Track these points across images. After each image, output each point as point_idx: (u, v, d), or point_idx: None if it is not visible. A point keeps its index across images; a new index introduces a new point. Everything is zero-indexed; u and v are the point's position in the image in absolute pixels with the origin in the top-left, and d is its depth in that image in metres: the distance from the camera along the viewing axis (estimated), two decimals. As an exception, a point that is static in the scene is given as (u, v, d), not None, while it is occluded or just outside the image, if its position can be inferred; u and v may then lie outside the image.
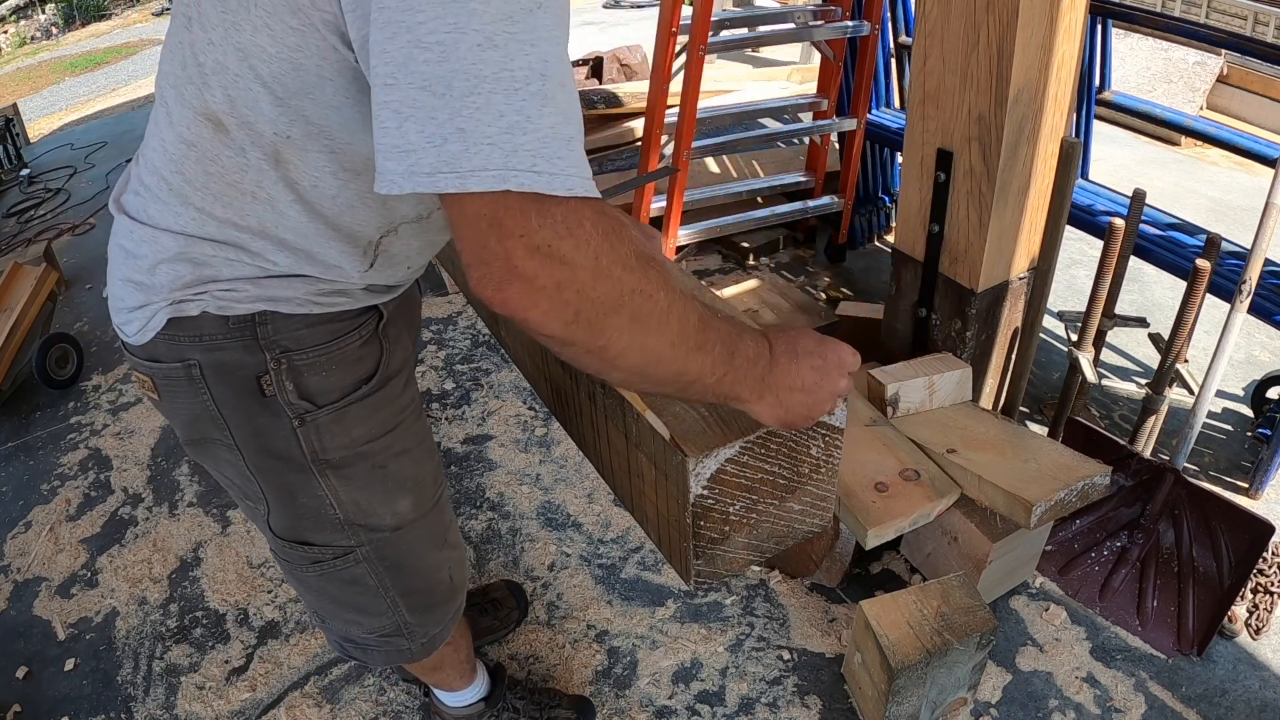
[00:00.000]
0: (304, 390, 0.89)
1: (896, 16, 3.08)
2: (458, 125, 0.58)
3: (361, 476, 0.96)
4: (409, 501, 1.02)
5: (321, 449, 0.92)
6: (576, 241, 0.61)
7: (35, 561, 2.20)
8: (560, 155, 0.60)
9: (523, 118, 0.59)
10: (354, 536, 0.99)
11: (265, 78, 0.72)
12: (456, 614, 1.22)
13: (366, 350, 0.92)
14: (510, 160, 0.58)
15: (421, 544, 1.06)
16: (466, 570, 1.23)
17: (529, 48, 0.59)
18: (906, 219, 1.94)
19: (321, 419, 0.90)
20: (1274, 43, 5.08)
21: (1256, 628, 1.79)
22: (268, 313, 0.85)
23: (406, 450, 1.00)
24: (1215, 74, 4.81)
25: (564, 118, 0.61)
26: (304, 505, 0.95)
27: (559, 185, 0.60)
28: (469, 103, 0.58)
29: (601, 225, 0.62)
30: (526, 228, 0.59)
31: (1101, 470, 1.63)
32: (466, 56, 0.57)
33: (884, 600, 1.59)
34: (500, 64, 0.58)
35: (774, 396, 0.78)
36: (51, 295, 3.24)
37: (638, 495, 1.08)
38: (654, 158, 2.84)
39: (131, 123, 6.08)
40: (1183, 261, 2.25)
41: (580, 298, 0.62)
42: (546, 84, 0.59)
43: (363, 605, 1.06)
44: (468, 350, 2.89)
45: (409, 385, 1.01)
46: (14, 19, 12.95)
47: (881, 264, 3.31)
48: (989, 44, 1.60)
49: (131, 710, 1.79)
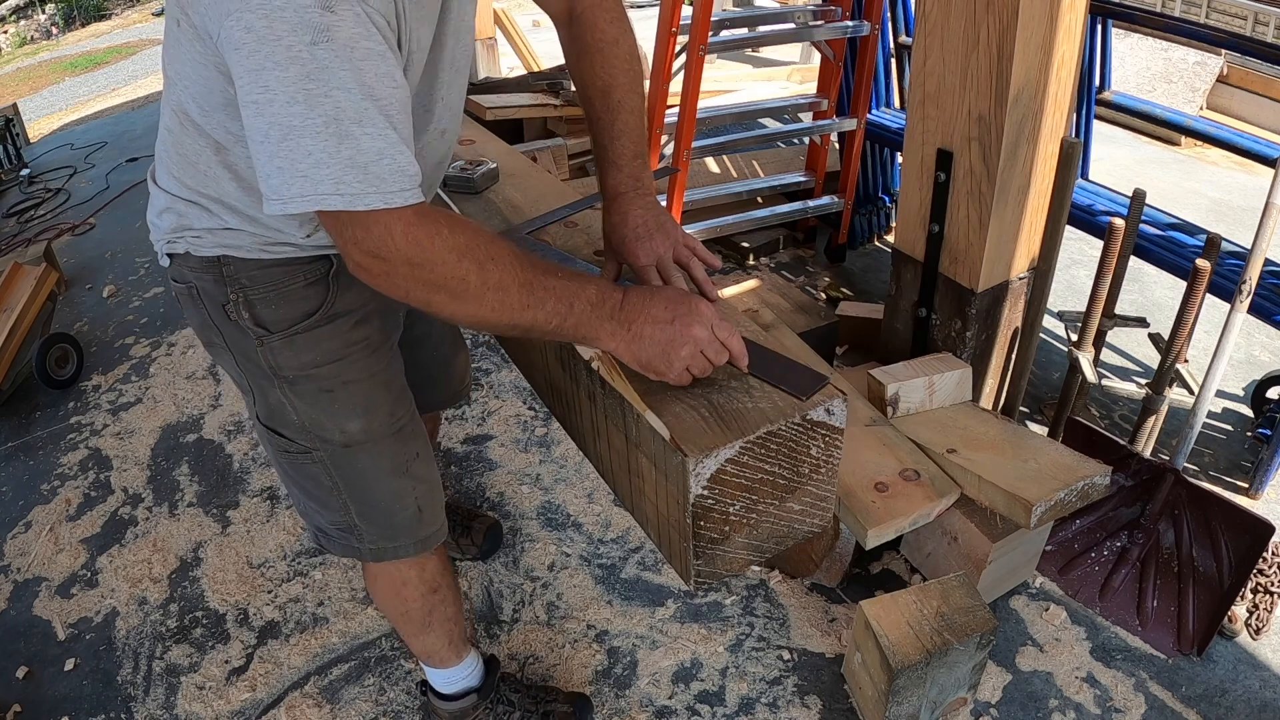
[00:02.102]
0: (258, 318, 1.09)
1: (896, 16, 3.08)
2: (277, 165, 0.79)
3: (310, 395, 1.14)
4: (357, 425, 1.17)
5: (277, 366, 1.12)
6: (390, 246, 0.83)
7: (35, 561, 2.20)
8: (359, 180, 0.79)
9: (325, 154, 0.78)
10: (310, 441, 1.17)
11: (193, 93, 0.93)
12: (424, 545, 1.31)
13: (312, 291, 1.11)
14: (318, 188, 0.79)
15: (376, 466, 1.21)
16: (439, 505, 1.32)
17: (324, 99, 0.76)
18: (906, 219, 1.94)
19: (274, 342, 1.10)
20: (1274, 43, 5.07)
21: (1256, 628, 1.79)
22: (227, 256, 1.07)
23: (354, 380, 1.16)
24: (1215, 74, 4.81)
25: (359, 150, 0.79)
26: (274, 404, 1.16)
27: (360, 204, 0.80)
28: (284, 147, 0.78)
29: (412, 232, 0.83)
30: (354, 236, 0.83)
31: (1101, 470, 1.63)
32: (279, 112, 0.77)
33: (884, 600, 1.59)
34: (304, 116, 0.77)
35: (626, 333, 0.95)
36: (51, 295, 3.24)
37: (638, 495, 1.08)
38: (654, 158, 2.84)
39: (131, 123, 6.08)
40: (1183, 261, 2.25)
41: (405, 283, 0.86)
42: (341, 125, 0.78)
43: (320, 499, 1.24)
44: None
45: (360, 326, 1.16)
46: (14, 19, 12.95)
47: (881, 264, 3.32)
48: (989, 44, 1.60)
49: (131, 710, 1.79)
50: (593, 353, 1.06)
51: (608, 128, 1.15)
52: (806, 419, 0.94)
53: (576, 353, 1.08)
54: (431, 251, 0.85)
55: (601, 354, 1.05)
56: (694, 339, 0.94)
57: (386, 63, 0.81)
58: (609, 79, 1.15)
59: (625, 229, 1.14)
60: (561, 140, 3.75)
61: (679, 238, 1.15)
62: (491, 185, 1.57)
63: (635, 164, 1.15)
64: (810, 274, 3.25)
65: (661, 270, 1.12)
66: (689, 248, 1.15)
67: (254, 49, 0.75)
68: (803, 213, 3.22)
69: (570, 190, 1.53)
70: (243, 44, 0.76)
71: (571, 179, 3.68)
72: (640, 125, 1.16)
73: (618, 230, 1.15)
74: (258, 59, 0.75)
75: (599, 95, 1.15)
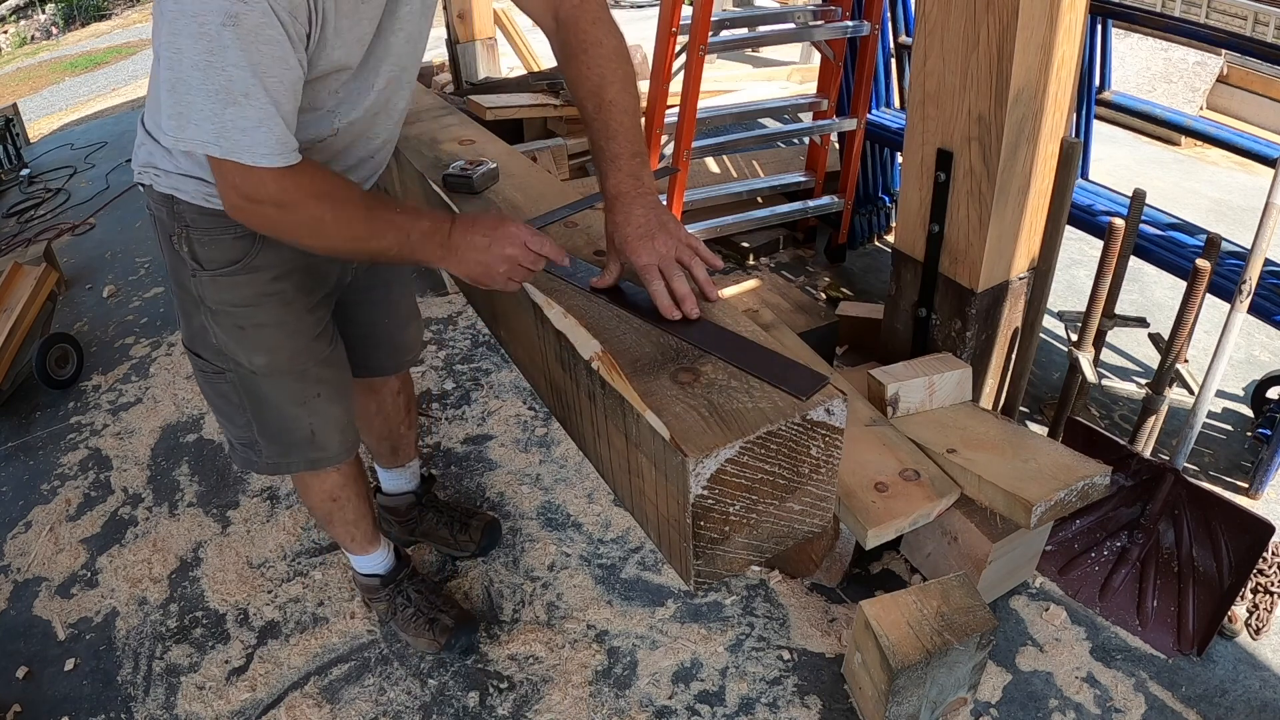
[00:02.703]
0: (194, 254, 1.28)
1: (896, 16, 3.08)
2: (177, 110, 0.98)
3: (226, 328, 1.34)
4: (261, 360, 1.37)
5: (203, 297, 1.32)
6: (263, 191, 1.04)
7: (35, 561, 2.20)
8: (236, 139, 0.99)
9: (212, 114, 0.97)
10: (224, 363, 1.38)
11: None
12: (314, 464, 1.53)
13: (239, 244, 1.28)
14: (203, 136, 0.99)
15: (279, 395, 1.42)
16: (335, 437, 1.51)
17: (219, 72, 0.95)
18: (906, 219, 1.94)
19: (204, 277, 1.30)
20: (1274, 43, 5.07)
21: (1256, 628, 1.79)
22: (177, 196, 1.25)
23: (264, 324, 1.35)
24: (1215, 74, 4.81)
25: (241, 116, 0.97)
26: (196, 327, 1.37)
27: (232, 157, 1.00)
28: (184, 100, 0.97)
29: (281, 180, 1.04)
30: (234, 181, 1.04)
31: (1101, 470, 1.63)
32: (184, 73, 0.95)
33: (884, 600, 1.59)
34: (201, 81, 0.95)
35: (456, 255, 1.14)
36: (51, 295, 3.24)
37: (638, 495, 1.08)
38: (654, 158, 2.84)
39: (131, 123, 6.06)
40: (1183, 261, 2.25)
41: (272, 223, 1.09)
42: (230, 95, 0.96)
43: (230, 415, 1.46)
44: (468, 350, 2.89)
45: (277, 281, 1.33)
46: (14, 19, 12.95)
47: (881, 264, 3.32)
48: (989, 44, 1.60)
49: (131, 710, 1.79)
50: (593, 352, 1.06)
51: (603, 128, 1.18)
52: (806, 419, 0.94)
53: (577, 353, 1.08)
54: (296, 196, 1.06)
55: (601, 354, 1.05)
56: (508, 257, 1.13)
57: (283, 49, 0.98)
58: (599, 79, 1.19)
59: (628, 228, 1.15)
60: (561, 140, 3.75)
61: (681, 237, 1.16)
62: (491, 185, 1.57)
63: (634, 163, 1.17)
64: (810, 274, 3.25)
65: (663, 269, 1.13)
66: (691, 247, 1.16)
67: (175, 17, 0.93)
68: (803, 213, 3.22)
69: (570, 190, 1.54)
70: (167, 12, 0.94)
71: (571, 179, 3.68)
72: (635, 124, 1.19)
73: (620, 230, 1.16)
74: (177, 25, 0.93)
75: (590, 96, 1.19)
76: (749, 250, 3.28)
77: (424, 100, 2.10)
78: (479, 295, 1.57)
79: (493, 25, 4.74)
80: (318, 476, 1.60)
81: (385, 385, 1.84)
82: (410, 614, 1.85)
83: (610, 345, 1.07)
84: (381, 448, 1.96)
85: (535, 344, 1.29)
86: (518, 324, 1.36)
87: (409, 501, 2.05)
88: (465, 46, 4.70)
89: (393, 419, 1.89)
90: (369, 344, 1.68)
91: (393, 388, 1.86)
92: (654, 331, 1.10)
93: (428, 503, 2.08)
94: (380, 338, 1.70)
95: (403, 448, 1.97)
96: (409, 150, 1.78)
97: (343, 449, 1.55)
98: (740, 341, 1.06)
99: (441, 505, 2.10)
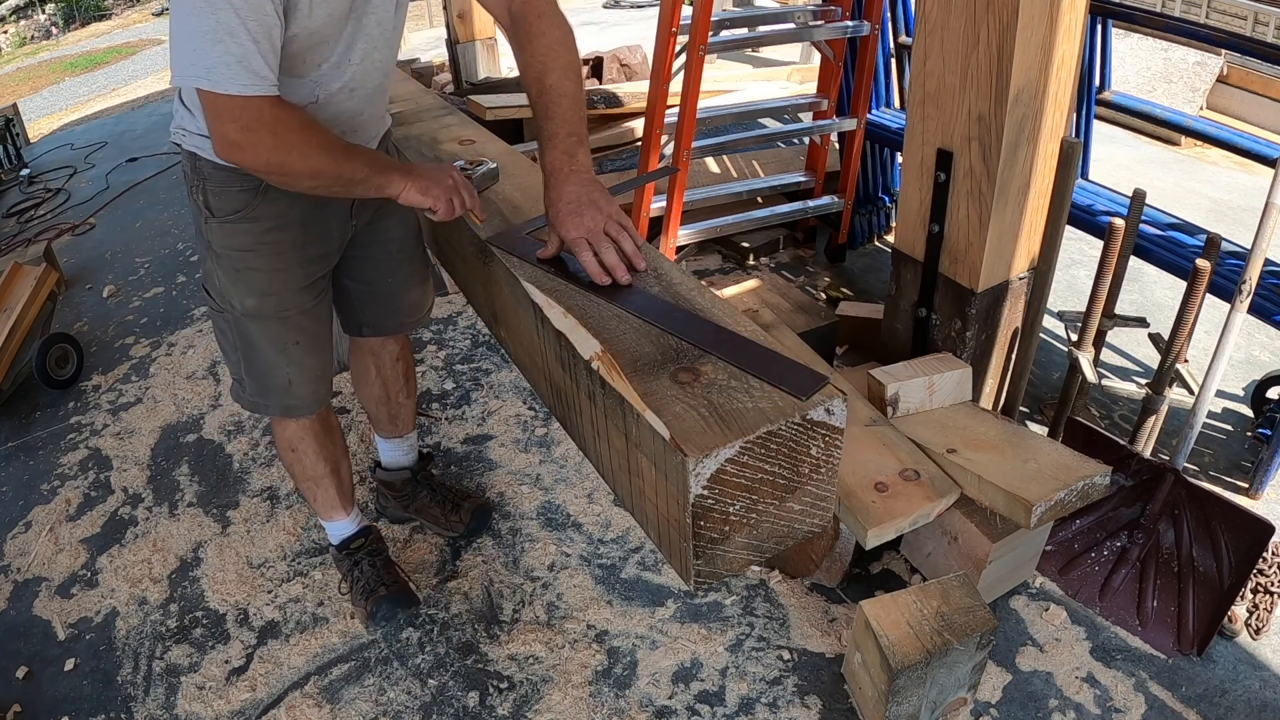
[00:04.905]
0: (207, 204, 1.44)
1: (896, 16, 3.08)
2: (178, 53, 1.14)
3: (225, 270, 1.49)
4: (251, 302, 1.50)
5: (210, 241, 1.47)
6: (260, 119, 1.16)
7: (35, 561, 2.20)
8: (223, 73, 1.12)
9: (204, 51, 1.11)
10: (223, 303, 1.53)
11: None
12: (288, 411, 1.65)
13: (243, 196, 1.43)
14: (195, 71, 1.12)
15: (263, 338, 1.55)
16: (309, 387, 1.63)
17: (210, 15, 1.09)
18: (906, 219, 1.94)
19: (213, 223, 1.45)
20: (1274, 43, 5.07)
21: (1256, 628, 1.79)
22: (198, 154, 1.41)
23: (257, 269, 1.48)
24: (1215, 74, 4.81)
25: (226, 53, 1.11)
26: (207, 269, 1.52)
27: (220, 89, 1.12)
28: (184, 42, 1.13)
29: (275, 109, 1.17)
30: (233, 115, 1.15)
31: (1101, 470, 1.63)
32: (185, 19, 1.11)
33: (884, 600, 1.59)
34: (195, 23, 1.10)
35: (414, 174, 1.35)
36: (51, 295, 3.24)
37: (638, 495, 1.08)
38: (654, 158, 2.84)
39: (131, 123, 6.08)
40: (1183, 261, 2.25)
41: (267, 150, 1.19)
42: (217, 34, 1.10)
43: (226, 350, 1.62)
44: (468, 350, 2.89)
45: (274, 231, 1.46)
46: (14, 19, 12.95)
47: (881, 264, 3.32)
48: (989, 44, 1.60)
49: (131, 710, 1.79)
50: (593, 352, 1.06)
51: (543, 110, 1.30)
52: (806, 419, 0.94)
53: (577, 353, 1.09)
54: (288, 123, 1.19)
55: (601, 354, 1.05)
56: (447, 187, 1.36)
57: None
58: (541, 66, 1.32)
59: (560, 204, 1.25)
60: (561, 140, 3.74)
61: (610, 213, 1.25)
62: (491, 185, 1.58)
63: (569, 141, 1.28)
64: (810, 274, 3.25)
65: (592, 242, 1.22)
66: (619, 223, 1.26)
67: None
68: (803, 213, 3.22)
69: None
70: None
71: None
72: (574, 106, 1.31)
73: (553, 205, 1.26)
74: None
75: (534, 82, 1.32)
76: (749, 250, 3.28)
77: (424, 100, 2.10)
78: (479, 295, 1.57)
79: (493, 25, 4.74)
80: (282, 424, 1.72)
81: (384, 348, 1.92)
82: (361, 586, 1.91)
83: (610, 345, 1.08)
84: (380, 413, 2.03)
85: (535, 344, 1.29)
86: (518, 324, 1.36)
87: (405, 478, 2.12)
88: (465, 46, 4.71)
89: (391, 385, 1.97)
90: (367, 299, 1.77)
91: (392, 352, 1.93)
92: (654, 331, 1.10)
93: (423, 480, 2.14)
94: (379, 294, 1.78)
95: (401, 417, 2.04)
96: (409, 150, 1.78)
97: (314, 400, 1.66)
98: (740, 341, 1.06)
99: (436, 484, 2.16)
